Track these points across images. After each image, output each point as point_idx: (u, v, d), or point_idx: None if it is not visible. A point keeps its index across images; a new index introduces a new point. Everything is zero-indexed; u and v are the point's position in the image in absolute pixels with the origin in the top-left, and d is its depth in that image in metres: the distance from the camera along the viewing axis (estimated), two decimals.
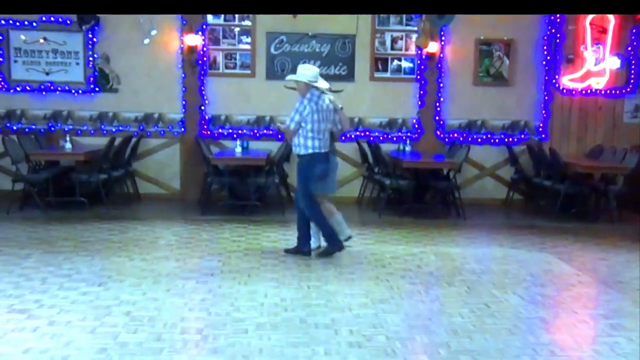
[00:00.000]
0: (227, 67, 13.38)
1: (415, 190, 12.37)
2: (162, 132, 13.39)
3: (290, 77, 9.09)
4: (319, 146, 8.86)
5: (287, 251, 9.18)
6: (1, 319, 6.24)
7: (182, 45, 13.17)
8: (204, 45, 13.20)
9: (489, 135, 13.64)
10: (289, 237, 10.11)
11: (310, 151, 8.85)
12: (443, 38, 13.41)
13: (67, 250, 8.96)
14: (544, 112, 13.65)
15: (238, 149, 12.27)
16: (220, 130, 13.40)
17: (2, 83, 13.08)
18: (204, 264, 8.52)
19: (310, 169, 8.91)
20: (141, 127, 13.29)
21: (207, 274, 8.00)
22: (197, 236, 10.02)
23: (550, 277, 8.37)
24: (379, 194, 12.83)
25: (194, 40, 13.05)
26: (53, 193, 11.93)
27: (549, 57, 13.52)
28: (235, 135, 13.18)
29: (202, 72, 13.22)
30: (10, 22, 12.95)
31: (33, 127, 13.19)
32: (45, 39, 13.08)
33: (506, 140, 13.62)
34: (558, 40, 13.46)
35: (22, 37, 13.05)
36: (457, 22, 12.86)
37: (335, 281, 7.81)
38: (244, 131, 13.36)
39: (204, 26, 13.19)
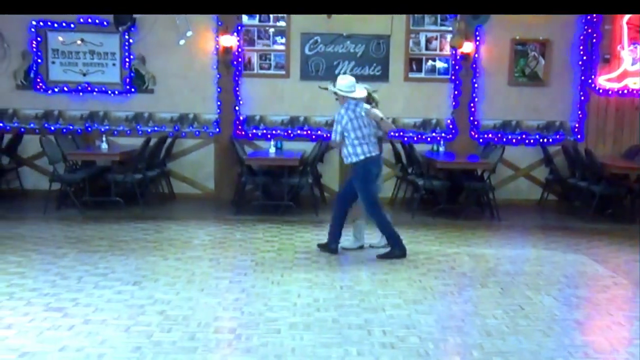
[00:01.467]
0: (261, 68, 13.43)
1: (449, 190, 12.32)
2: (197, 133, 13.48)
3: (328, 87, 9.23)
4: (369, 150, 8.93)
5: (319, 246, 9.38)
6: (38, 317, 6.32)
7: (217, 46, 13.23)
8: (238, 46, 13.26)
9: (523, 136, 13.57)
10: (322, 237, 10.10)
11: (362, 157, 8.90)
12: (478, 38, 13.35)
13: (102, 250, 9.06)
14: (579, 112, 13.54)
15: (272, 149, 12.31)
16: (254, 131, 13.45)
17: (41, 84, 13.23)
18: (237, 263, 8.56)
19: (367, 173, 8.98)
20: (176, 128, 13.38)
21: (240, 274, 8.04)
22: (230, 236, 10.07)
23: (584, 278, 8.31)
24: (413, 194, 12.79)
25: (229, 41, 13.11)
26: (89, 193, 12.05)
27: (585, 57, 13.41)
28: (269, 136, 13.22)
29: (237, 73, 13.29)
30: (49, 23, 13.10)
31: (70, 127, 13.34)
32: (82, 40, 13.21)
33: (541, 140, 13.53)
34: (594, 40, 13.34)
35: (60, 38, 13.19)
36: (492, 22, 12.82)
37: (368, 282, 7.82)
38: (278, 131, 13.41)
39: (239, 27, 13.25)
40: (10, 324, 6.11)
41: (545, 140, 13.55)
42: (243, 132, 13.37)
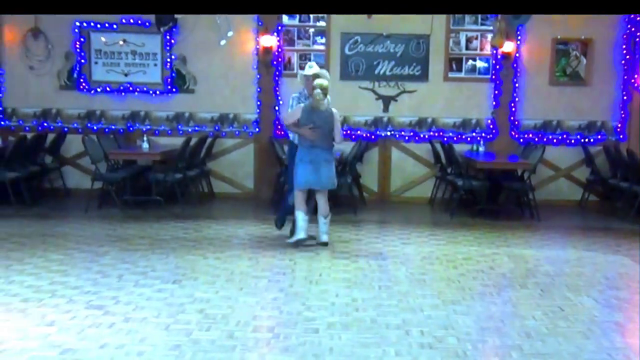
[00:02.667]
0: (301, 68, 13.37)
1: (489, 191, 12.28)
2: (237, 133, 13.55)
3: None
4: None
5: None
6: (79, 314, 6.39)
7: (257, 46, 13.30)
8: (279, 46, 13.31)
9: (564, 136, 13.47)
10: (361, 236, 10.17)
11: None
12: (519, 37, 13.27)
13: (143, 248, 9.14)
14: (622, 112, 13.41)
15: None
16: None
17: (84, 84, 13.40)
18: (276, 262, 8.60)
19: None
20: (216, 128, 13.47)
21: (279, 273, 8.08)
22: (269, 235, 10.10)
23: (625, 280, 8.22)
24: (452, 194, 12.77)
25: (269, 41, 13.16)
26: (130, 192, 12.18)
27: (627, 57, 13.27)
28: None
29: (277, 73, 13.34)
30: (92, 24, 13.26)
31: (112, 127, 13.49)
32: (124, 40, 13.36)
33: (582, 140, 13.42)
34: (637, 39, 13.19)
35: (103, 39, 13.35)
36: (533, 22, 12.75)
37: (406, 282, 7.81)
38: None
39: (279, 27, 13.31)
40: (52, 321, 6.20)
41: (586, 140, 13.43)
42: (282, 132, 13.37)
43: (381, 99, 13.45)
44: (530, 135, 13.42)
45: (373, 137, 13.45)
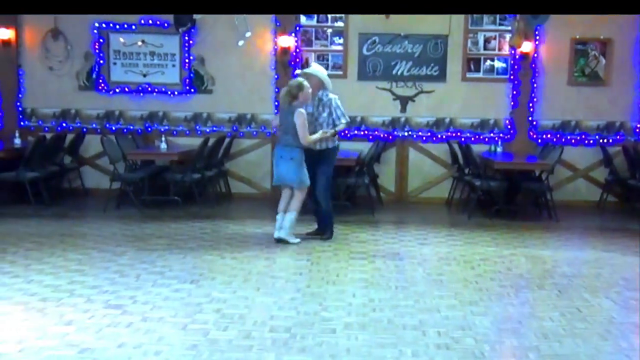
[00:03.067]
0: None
1: (506, 191, 12.25)
2: (254, 133, 13.58)
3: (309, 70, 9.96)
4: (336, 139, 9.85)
5: (309, 234, 10.00)
6: (98, 314, 6.43)
7: (275, 47, 13.32)
8: (296, 47, 13.33)
9: (583, 136, 13.41)
10: (379, 237, 10.16)
11: (336, 144, 9.86)
12: (537, 37, 13.23)
13: (160, 248, 9.18)
14: None
15: None
16: None
17: (103, 85, 13.46)
18: (293, 263, 8.62)
19: (333, 161, 9.83)
20: (234, 128, 13.51)
21: (296, 273, 8.10)
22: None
23: None
24: (469, 195, 12.73)
25: (287, 41, 13.18)
26: (148, 192, 12.24)
27: None
28: None
29: (295, 73, 13.34)
30: (111, 25, 13.33)
31: (131, 127, 13.55)
32: (143, 41, 13.41)
33: (601, 141, 13.35)
34: None
35: (122, 39, 13.41)
36: (552, 21, 12.68)
37: (423, 282, 7.81)
38: None
39: (297, 27, 13.32)
40: (70, 320, 6.23)
41: (605, 140, 13.37)
42: None
43: (399, 99, 13.44)
44: (549, 136, 13.36)
45: (390, 137, 13.44)
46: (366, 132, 13.34)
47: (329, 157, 9.78)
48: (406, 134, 13.47)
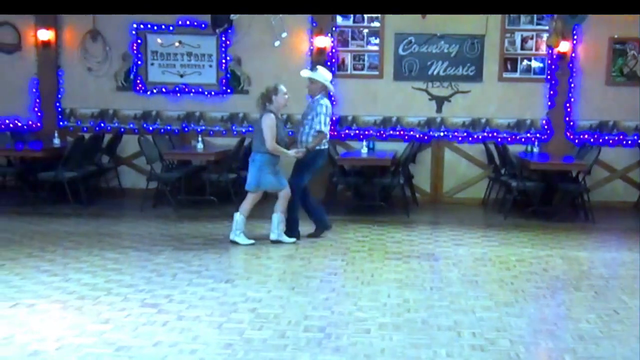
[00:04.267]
0: (355, 69, 13.48)
1: (543, 192, 12.16)
2: (290, 133, 13.56)
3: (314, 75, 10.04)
4: (325, 143, 9.87)
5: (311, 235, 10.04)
6: (134, 312, 6.51)
7: (311, 47, 13.33)
8: (332, 47, 13.34)
9: (620, 137, 13.27)
10: (414, 237, 10.16)
11: (322, 147, 9.86)
12: (575, 37, 13.11)
13: (196, 248, 9.26)
14: None
15: (364, 150, 12.32)
16: (347, 131, 13.51)
17: (140, 85, 13.58)
18: (328, 263, 8.65)
19: (317, 161, 9.81)
20: None
21: (331, 273, 8.14)
22: (322, 235, 10.13)
23: None
24: (505, 195, 12.65)
25: (324, 42, 13.19)
26: (184, 192, 12.31)
27: None
28: (361, 136, 13.25)
29: (331, 74, 13.32)
30: (149, 26, 13.43)
31: (168, 127, 13.64)
32: (180, 42, 13.50)
33: (639, 141, 13.20)
34: None
35: (159, 40, 13.51)
36: (590, 21, 12.50)
37: (458, 283, 7.79)
38: (371, 132, 13.42)
39: (334, 28, 13.33)
40: (107, 318, 6.32)
41: None
42: (336, 133, 13.42)
43: (434, 99, 13.40)
44: (586, 136, 13.24)
45: (426, 137, 13.41)
46: (402, 132, 13.32)
47: (314, 158, 9.81)
48: (442, 134, 13.43)
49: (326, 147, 9.97)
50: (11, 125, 13.66)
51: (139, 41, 13.51)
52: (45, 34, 13.35)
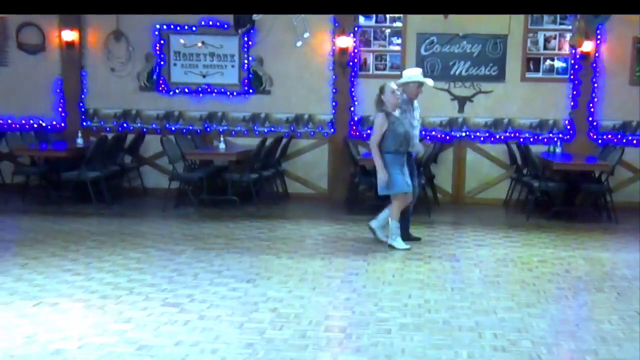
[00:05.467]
0: (377, 69, 13.46)
1: (565, 192, 12.11)
2: (312, 133, 13.63)
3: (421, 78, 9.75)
4: None
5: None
6: (155, 311, 6.54)
7: (333, 47, 13.34)
8: (355, 47, 13.34)
9: None
10: (435, 237, 10.15)
11: None
12: (599, 37, 13.04)
13: (218, 247, 9.28)
14: None
15: None
16: (369, 131, 13.42)
17: (163, 85, 13.64)
18: (349, 263, 8.64)
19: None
20: (292, 128, 13.57)
21: (352, 274, 8.12)
22: (343, 235, 10.15)
23: None
24: (527, 196, 12.60)
25: (346, 42, 13.19)
26: (206, 191, 12.36)
27: None
28: None
29: (353, 74, 13.36)
30: (172, 27, 13.50)
31: (190, 128, 13.70)
32: (203, 42, 13.55)
33: None
34: None
35: (182, 41, 13.56)
36: (613, 20, 12.42)
37: (480, 284, 7.77)
38: None
39: (356, 28, 13.33)
40: (129, 317, 6.35)
41: None
42: (357, 133, 13.43)
43: (456, 99, 13.38)
44: (609, 136, 13.17)
45: (448, 138, 13.39)
46: (423, 132, 13.28)
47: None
48: (464, 134, 13.40)
49: None
50: (35, 125, 13.78)
51: (161, 42, 13.58)
52: (69, 35, 13.44)
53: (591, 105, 13.14)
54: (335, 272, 8.16)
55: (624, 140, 13.07)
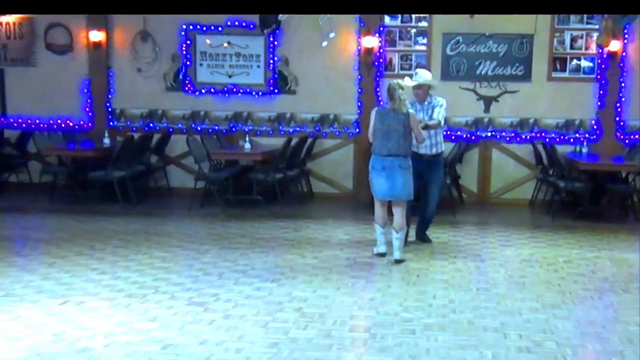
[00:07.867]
0: (402, 69, 13.43)
1: (591, 193, 12.03)
2: (337, 133, 13.64)
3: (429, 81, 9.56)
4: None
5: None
6: (180, 310, 6.59)
7: (359, 47, 13.33)
8: (380, 47, 13.33)
9: None
10: (460, 238, 10.13)
11: (442, 149, 9.70)
12: (626, 36, 12.94)
13: (243, 247, 9.32)
14: None
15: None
16: None
17: (189, 85, 13.71)
18: (373, 263, 8.64)
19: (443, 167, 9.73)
20: (317, 128, 13.59)
21: (376, 274, 8.13)
22: (368, 235, 10.11)
23: None
24: (553, 196, 12.52)
25: (371, 42, 13.18)
26: (232, 191, 12.40)
27: None
28: None
29: (378, 74, 13.35)
30: (198, 27, 13.56)
31: (216, 127, 13.74)
32: (229, 43, 13.59)
33: None
34: None
35: (208, 41, 13.61)
36: None
37: (505, 284, 7.75)
38: None
39: (381, 28, 13.32)
40: (155, 316, 6.40)
41: None
42: None
43: (482, 99, 13.33)
44: (637, 137, 13.06)
45: (473, 137, 13.34)
46: (449, 132, 13.24)
47: (442, 163, 9.86)
48: (489, 134, 13.35)
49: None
50: (63, 125, 13.89)
51: (188, 42, 13.64)
52: (97, 35, 13.54)
53: (618, 105, 13.04)
54: (359, 272, 8.17)
55: None
